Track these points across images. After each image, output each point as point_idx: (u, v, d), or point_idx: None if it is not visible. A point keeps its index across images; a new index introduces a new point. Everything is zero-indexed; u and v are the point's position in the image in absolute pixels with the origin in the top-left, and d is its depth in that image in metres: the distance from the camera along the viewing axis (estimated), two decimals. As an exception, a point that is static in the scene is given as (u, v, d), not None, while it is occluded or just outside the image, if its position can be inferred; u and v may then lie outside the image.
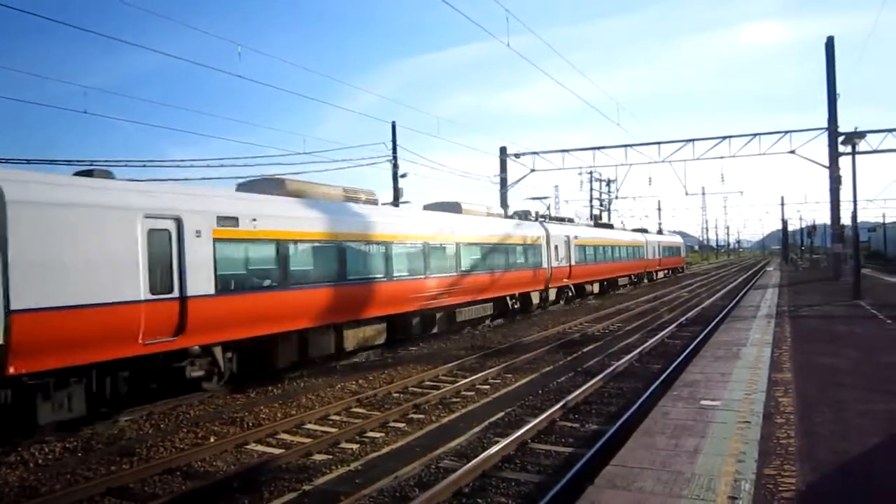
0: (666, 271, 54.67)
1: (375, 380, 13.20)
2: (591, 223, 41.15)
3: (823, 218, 58.86)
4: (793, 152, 32.16)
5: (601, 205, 59.12)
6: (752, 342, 13.22)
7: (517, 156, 38.04)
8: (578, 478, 6.71)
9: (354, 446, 8.86)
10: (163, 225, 10.55)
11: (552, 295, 27.55)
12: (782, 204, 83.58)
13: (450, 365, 14.31)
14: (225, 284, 11.49)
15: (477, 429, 9.32)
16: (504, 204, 37.09)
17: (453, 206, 21.81)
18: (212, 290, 11.18)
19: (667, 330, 19.27)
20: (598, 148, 35.97)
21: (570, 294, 30.41)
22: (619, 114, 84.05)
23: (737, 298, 28.27)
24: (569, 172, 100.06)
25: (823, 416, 7.53)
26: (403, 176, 30.18)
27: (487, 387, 12.46)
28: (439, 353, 16.39)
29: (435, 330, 18.69)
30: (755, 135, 32.82)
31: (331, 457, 8.44)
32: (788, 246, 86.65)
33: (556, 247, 27.17)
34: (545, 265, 25.95)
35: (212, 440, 9.19)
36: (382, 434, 9.44)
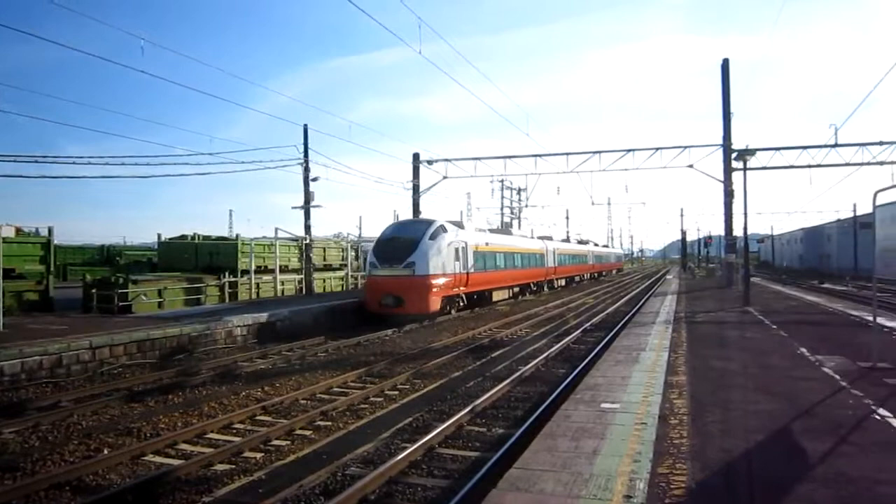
0: (615, 270, 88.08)
1: (282, 387, 12.93)
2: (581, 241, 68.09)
3: (720, 229, 62.47)
4: (691, 166, 33.88)
5: (512, 213, 60.23)
6: (651, 347, 13.80)
7: (430, 162, 38.26)
8: (483, 481, 6.80)
9: (258, 455, 8.64)
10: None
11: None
12: (682, 215, 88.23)
13: (359, 371, 14.19)
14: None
15: (385, 435, 9.29)
16: (417, 210, 37.22)
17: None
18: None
19: (572, 335, 19.84)
20: (509, 157, 36.75)
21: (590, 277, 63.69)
22: (529, 124, 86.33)
23: (638, 305, 29.43)
24: (481, 180, 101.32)
25: (714, 417, 7.95)
26: (315, 180, 29.92)
27: (396, 392, 12.45)
28: (348, 359, 16.23)
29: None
30: (657, 149, 34.38)
31: (233, 466, 8.19)
32: (687, 255, 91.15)
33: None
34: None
35: (105, 452, 8.72)
36: (288, 442, 9.25)
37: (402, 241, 24.31)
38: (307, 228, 30.62)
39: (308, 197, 30.15)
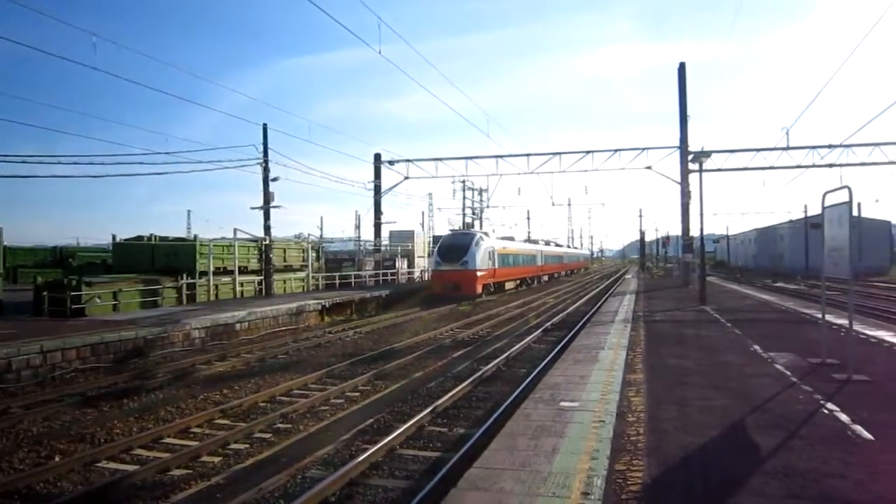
0: (583, 269, 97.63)
1: (241, 389, 12.78)
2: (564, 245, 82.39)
3: (677, 230, 63.78)
4: (649, 168, 34.52)
5: (473, 213, 60.38)
6: (610, 346, 13.99)
7: (391, 163, 38.31)
8: (444, 481, 6.82)
9: (217, 459, 8.52)
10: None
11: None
12: (640, 216, 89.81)
13: (320, 372, 14.09)
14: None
15: (346, 437, 9.24)
16: (378, 210, 37.11)
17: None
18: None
19: (533, 335, 19.98)
20: (471, 158, 37.04)
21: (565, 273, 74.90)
22: (489, 126, 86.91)
23: (598, 304, 29.82)
24: (442, 181, 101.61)
25: (670, 413, 8.10)
26: (275, 180, 29.67)
27: (357, 394, 12.40)
28: (309, 360, 16.11)
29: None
30: (616, 150, 34.98)
31: (190, 471, 8.06)
32: (646, 255, 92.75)
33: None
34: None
35: (57, 459, 8.51)
36: (247, 445, 9.14)
37: (458, 246, 35.49)
38: (267, 229, 30.29)
39: (267, 197, 29.85)
